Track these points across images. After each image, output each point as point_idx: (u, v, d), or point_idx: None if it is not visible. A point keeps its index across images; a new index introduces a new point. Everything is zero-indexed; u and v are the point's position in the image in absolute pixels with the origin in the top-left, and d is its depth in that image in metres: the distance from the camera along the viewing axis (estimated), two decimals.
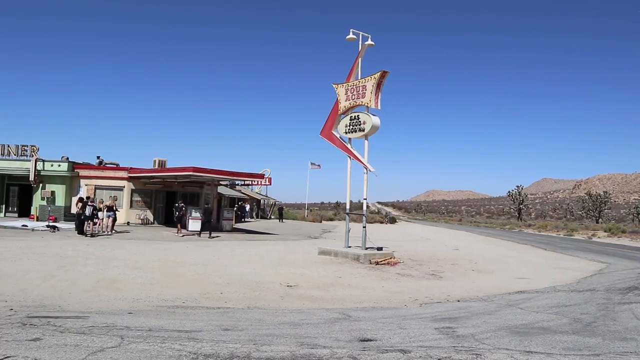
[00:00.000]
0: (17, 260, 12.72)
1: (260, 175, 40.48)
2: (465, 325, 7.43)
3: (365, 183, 17.44)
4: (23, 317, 6.79)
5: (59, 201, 30.16)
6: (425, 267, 15.90)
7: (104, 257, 14.41)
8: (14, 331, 5.83)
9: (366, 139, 17.48)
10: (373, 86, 16.97)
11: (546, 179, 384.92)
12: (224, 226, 29.30)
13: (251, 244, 21.62)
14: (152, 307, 8.33)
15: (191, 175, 25.70)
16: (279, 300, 9.62)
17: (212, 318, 7.50)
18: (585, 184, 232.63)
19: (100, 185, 30.48)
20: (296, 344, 5.83)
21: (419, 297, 10.59)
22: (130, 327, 6.36)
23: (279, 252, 18.79)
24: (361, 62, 18.16)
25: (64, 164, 30.26)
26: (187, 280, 11.34)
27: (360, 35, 18.09)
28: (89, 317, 7.03)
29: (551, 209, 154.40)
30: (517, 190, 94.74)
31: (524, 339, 6.50)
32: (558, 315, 8.47)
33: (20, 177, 30.65)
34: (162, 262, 13.97)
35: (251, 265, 14.36)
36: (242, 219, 44.14)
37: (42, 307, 7.83)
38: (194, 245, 19.52)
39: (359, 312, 8.62)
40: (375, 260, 15.97)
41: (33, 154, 30.15)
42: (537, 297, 10.88)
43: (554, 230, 56.76)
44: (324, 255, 17.42)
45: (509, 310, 9.13)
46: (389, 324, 7.44)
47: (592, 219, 79.26)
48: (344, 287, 11.43)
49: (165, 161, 32.12)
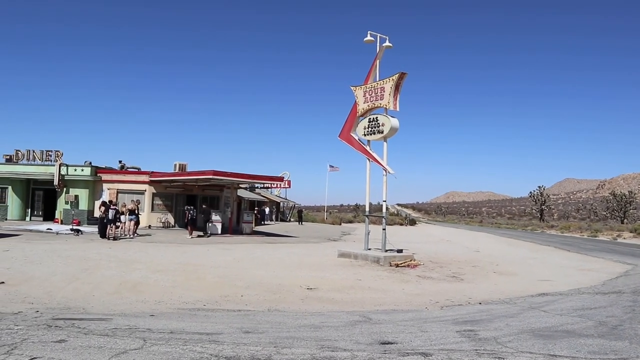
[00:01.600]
0: (43, 263, 12.96)
1: (279, 178, 40.65)
2: (487, 328, 7.35)
3: (384, 185, 17.38)
4: (48, 318, 6.91)
5: (82, 205, 30.67)
6: (446, 270, 15.77)
7: (126, 260, 14.59)
8: (40, 333, 5.94)
9: (385, 141, 17.42)
10: (391, 88, 16.92)
11: (569, 179, 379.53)
12: (244, 229, 29.47)
13: (271, 247, 21.69)
14: (173, 309, 8.41)
15: (211, 178, 25.91)
16: (299, 302, 9.63)
17: (232, 320, 7.53)
18: (609, 184, 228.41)
19: (122, 189, 30.91)
20: (316, 347, 5.83)
21: (440, 299, 10.50)
22: (153, 330, 6.43)
23: (299, 254, 18.82)
24: (379, 64, 18.13)
25: (87, 168, 30.76)
26: (208, 283, 11.42)
27: (378, 37, 18.07)
28: (112, 319, 7.12)
29: (574, 210, 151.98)
30: (538, 191, 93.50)
31: (548, 342, 6.40)
32: (583, 318, 8.32)
33: (45, 182, 31.27)
34: (183, 264, 14.10)
35: (271, 267, 14.40)
36: (261, 222, 44.33)
37: (67, 309, 7.96)
38: (214, 248, 19.65)
39: (379, 314, 8.58)
40: (396, 263, 15.90)
41: (57, 159, 30.74)
42: (561, 300, 10.71)
43: (577, 231, 55.89)
44: (343, 258, 17.40)
45: (532, 312, 9.00)
46: (409, 327, 7.39)
47: (616, 220, 77.71)
48: (364, 290, 11.40)
49: (185, 165, 32.44)
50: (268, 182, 39.60)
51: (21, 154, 31.56)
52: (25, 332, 5.89)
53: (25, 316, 7.09)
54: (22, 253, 14.93)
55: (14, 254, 14.54)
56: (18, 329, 6.06)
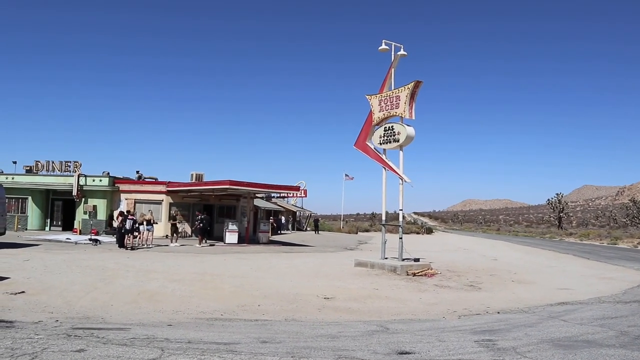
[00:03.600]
0: (62, 273, 13.12)
1: (295, 188, 40.75)
2: (506, 338, 7.26)
3: (400, 194, 17.33)
4: (68, 328, 6.98)
5: (101, 215, 31.02)
6: (463, 278, 15.63)
7: (144, 269, 14.71)
8: (59, 342, 6.00)
9: (401, 150, 17.39)
10: (407, 96, 16.90)
11: (587, 185, 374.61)
12: (260, 238, 29.56)
13: (287, 256, 21.71)
14: (190, 319, 8.45)
15: (228, 188, 26.07)
16: (316, 312, 9.62)
17: (249, 330, 7.55)
18: (629, 190, 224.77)
19: (140, 199, 31.22)
20: (334, 357, 5.82)
21: (458, 308, 10.41)
22: (170, 339, 6.46)
23: (315, 264, 18.80)
24: (394, 72, 18.13)
25: (105, 178, 31.15)
26: (225, 292, 11.45)
27: (393, 45, 18.09)
28: (130, 328, 7.18)
29: (593, 217, 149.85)
30: (556, 198, 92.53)
31: (568, 353, 6.31)
32: (604, 328, 8.19)
33: (64, 192, 31.70)
34: (200, 274, 14.17)
35: (288, 277, 14.41)
36: (278, 231, 44.40)
37: (86, 318, 8.04)
38: (231, 257, 19.72)
39: (396, 324, 8.53)
40: (412, 272, 15.80)
41: (76, 169, 31.16)
42: (581, 309, 10.55)
43: (596, 239, 55.10)
44: (360, 267, 17.34)
45: (552, 322, 8.88)
46: (427, 337, 7.33)
47: (637, 227, 76.42)
48: (381, 299, 11.34)
49: (202, 175, 32.68)
50: (284, 191, 39.79)
51: (41, 165, 32.10)
52: (45, 342, 5.96)
53: (45, 325, 7.18)
54: (42, 263, 15.13)
55: (34, 264, 14.74)
56: (38, 338, 6.13)
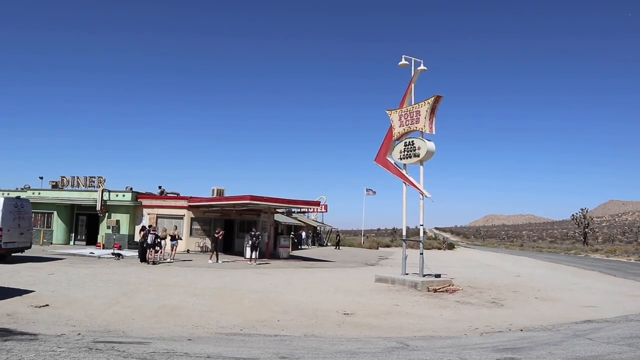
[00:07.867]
0: (85, 287, 13.29)
1: (316, 203, 40.75)
2: (529, 357, 7.12)
3: (421, 209, 17.23)
4: (89, 341, 7.06)
5: (124, 230, 31.42)
6: (486, 295, 15.40)
7: (165, 284, 14.82)
8: (81, 355, 6.06)
9: (421, 165, 17.33)
10: (427, 111, 16.88)
11: (613, 200, 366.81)
12: (280, 253, 29.56)
13: (308, 272, 21.66)
14: (210, 333, 8.47)
15: (248, 203, 26.18)
16: (335, 328, 9.56)
17: (269, 345, 7.53)
18: None
19: (162, 214, 31.55)
20: None
21: (480, 325, 10.25)
22: (190, 354, 6.48)
23: (336, 279, 18.73)
24: (414, 87, 18.15)
25: (128, 194, 31.58)
26: (245, 307, 11.47)
27: (413, 60, 18.13)
28: (151, 342, 7.22)
29: (620, 233, 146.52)
30: (581, 214, 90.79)
31: None
32: (631, 347, 7.97)
33: (88, 207, 32.23)
34: (221, 289, 14.22)
35: (308, 292, 14.37)
36: (298, 247, 44.38)
37: (107, 332, 8.12)
38: (251, 272, 19.76)
39: (417, 341, 8.43)
40: (434, 288, 15.63)
41: (100, 184, 31.67)
42: (607, 327, 10.30)
43: (623, 255, 53.82)
44: (380, 283, 17.22)
45: (577, 340, 8.68)
46: (448, 354, 7.23)
47: None
48: (401, 315, 11.24)
49: (223, 190, 32.90)
50: (305, 206, 39.67)
51: (66, 180, 32.72)
52: (67, 354, 6.03)
53: (67, 338, 7.27)
54: (66, 276, 15.36)
55: (58, 277, 14.98)
56: (61, 351, 6.20)
